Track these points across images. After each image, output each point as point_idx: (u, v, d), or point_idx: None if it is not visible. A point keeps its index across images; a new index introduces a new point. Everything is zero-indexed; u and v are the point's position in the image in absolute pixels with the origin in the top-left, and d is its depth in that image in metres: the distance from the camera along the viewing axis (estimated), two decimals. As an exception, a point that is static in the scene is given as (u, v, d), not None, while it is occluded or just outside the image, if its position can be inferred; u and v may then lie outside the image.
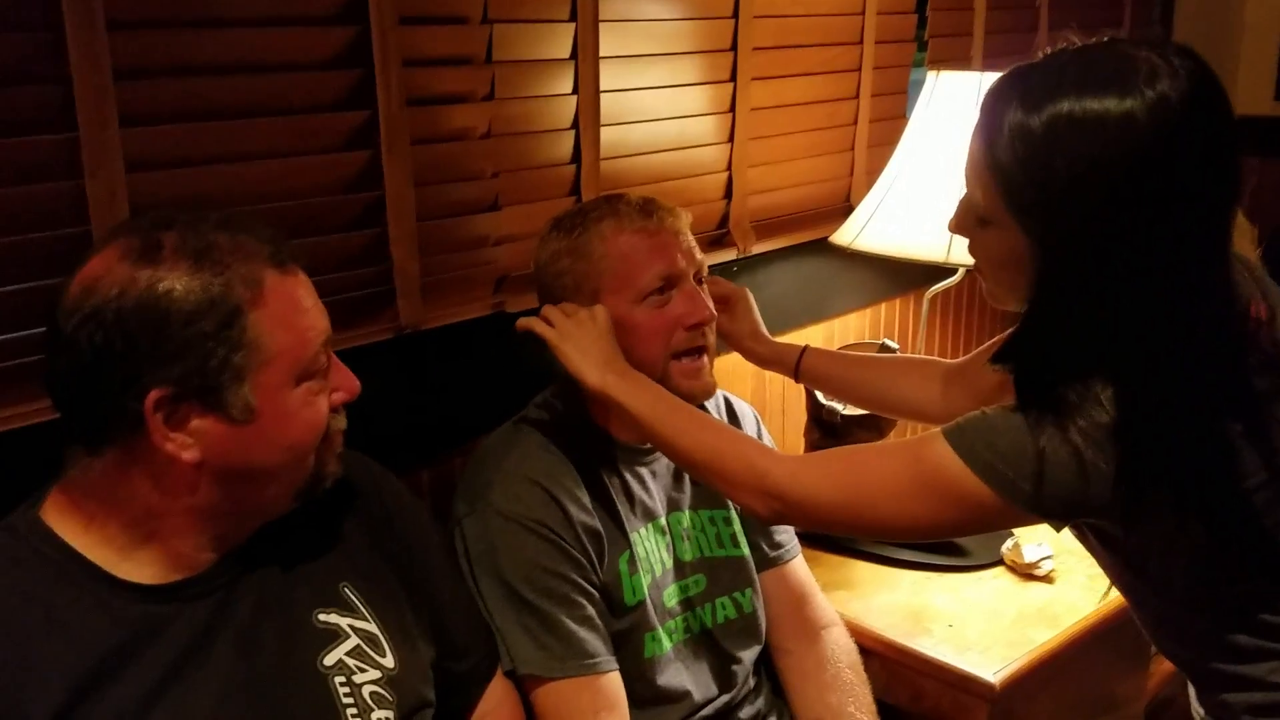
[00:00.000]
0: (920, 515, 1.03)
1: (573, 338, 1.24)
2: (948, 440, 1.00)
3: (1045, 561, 1.65)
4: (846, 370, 1.49)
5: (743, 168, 1.91)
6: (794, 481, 1.10)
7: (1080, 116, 0.91)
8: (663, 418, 1.20)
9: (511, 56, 1.51)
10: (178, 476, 0.91)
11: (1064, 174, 0.92)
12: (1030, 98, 0.93)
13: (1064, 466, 0.95)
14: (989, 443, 0.98)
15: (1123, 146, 0.90)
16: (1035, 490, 0.96)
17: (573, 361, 1.23)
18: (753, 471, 1.12)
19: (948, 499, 1.01)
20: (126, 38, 1.14)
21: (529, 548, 1.24)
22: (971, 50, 2.40)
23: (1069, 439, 0.94)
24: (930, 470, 1.01)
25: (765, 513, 1.12)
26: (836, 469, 1.10)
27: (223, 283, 0.88)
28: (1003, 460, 0.97)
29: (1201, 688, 1.12)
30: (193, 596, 0.95)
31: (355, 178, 1.37)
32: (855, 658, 1.46)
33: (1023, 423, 0.97)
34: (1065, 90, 0.92)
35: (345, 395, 1.00)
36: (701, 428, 1.21)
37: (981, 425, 1.00)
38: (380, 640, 1.05)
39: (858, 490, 1.07)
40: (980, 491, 0.98)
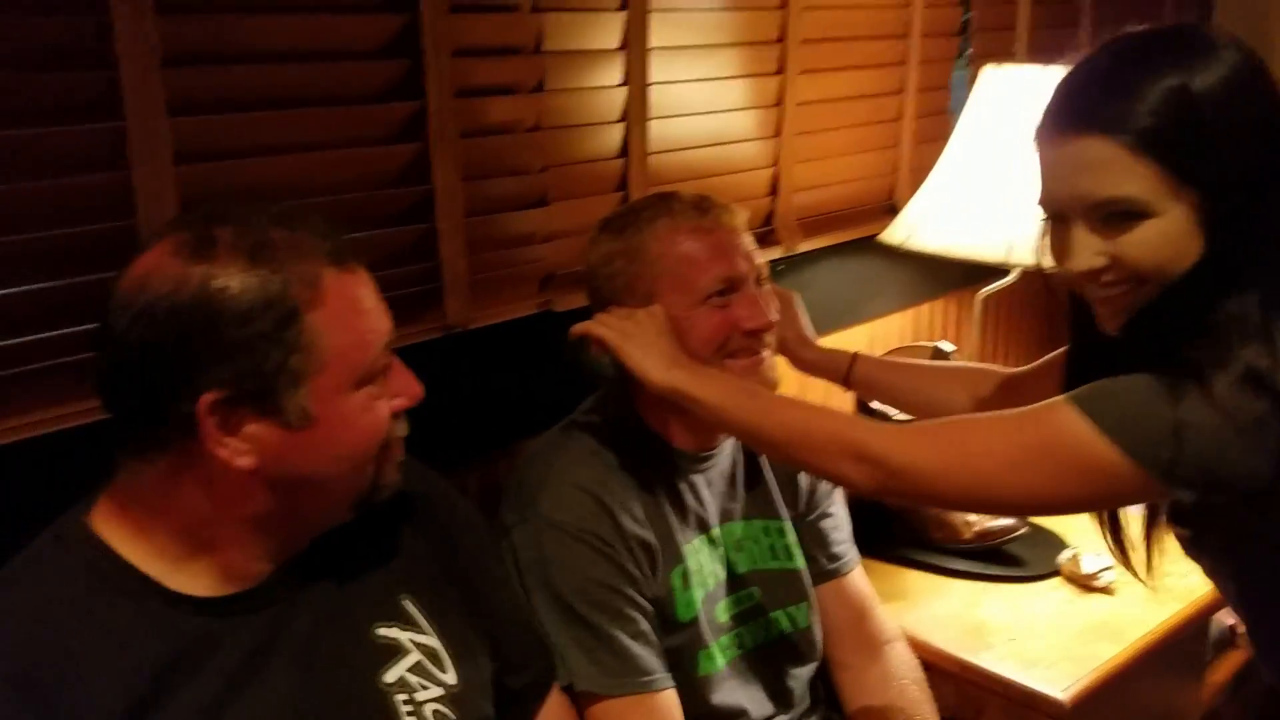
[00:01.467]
0: (1038, 486, 0.97)
1: (634, 338, 1.20)
2: (1075, 404, 0.94)
3: (1105, 573, 1.60)
4: (900, 378, 1.43)
5: (789, 164, 1.86)
6: (896, 449, 1.03)
7: (1212, 66, 0.90)
8: (741, 404, 1.15)
9: (561, 47, 1.46)
10: (231, 484, 0.86)
11: (1224, 119, 0.89)
12: (1151, 65, 0.91)
13: (1202, 426, 0.89)
14: (1122, 406, 0.93)
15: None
16: (1174, 456, 0.90)
17: (637, 361, 1.18)
18: (848, 441, 1.05)
19: (1073, 468, 0.94)
20: (175, 22, 1.09)
21: (580, 559, 1.19)
22: (1015, 45, 2.35)
23: (1208, 394, 0.89)
24: (1054, 436, 0.95)
25: (867, 483, 1.05)
26: (944, 436, 1.04)
27: (280, 281, 0.83)
28: (1138, 424, 0.91)
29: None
30: (249, 610, 0.91)
31: (404, 171, 1.32)
32: (920, 674, 1.41)
33: (1160, 386, 0.91)
34: (1179, 54, 0.91)
35: (407, 401, 0.94)
36: (785, 406, 1.15)
37: (1112, 389, 0.94)
38: (441, 655, 1.01)
39: (968, 459, 1.00)
40: (1111, 459, 0.92)
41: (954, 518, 1.70)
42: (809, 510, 1.44)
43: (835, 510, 1.47)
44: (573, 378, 1.38)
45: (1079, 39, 2.52)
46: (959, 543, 1.67)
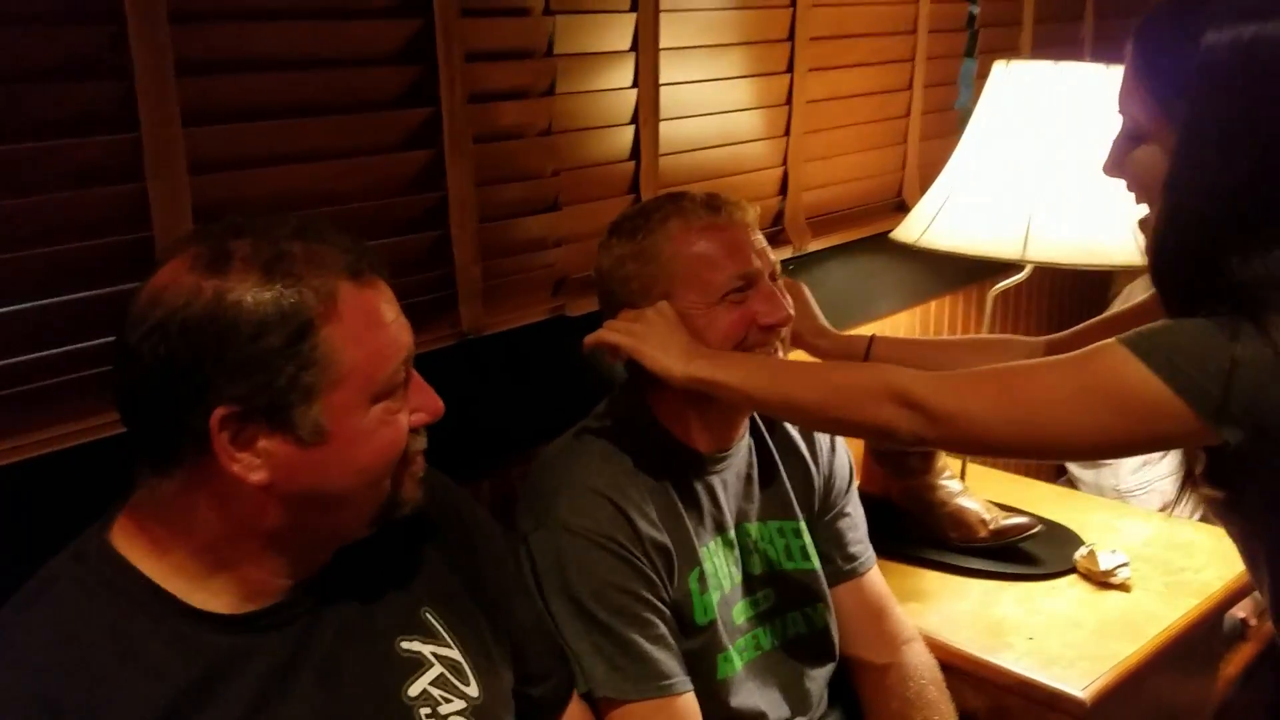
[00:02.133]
0: (1087, 426, 0.98)
1: (647, 338, 1.19)
2: (1126, 345, 0.95)
3: (1121, 569, 1.59)
4: (921, 354, 1.43)
5: (798, 162, 1.85)
6: (943, 393, 1.03)
7: (1227, 9, 0.94)
8: (770, 377, 1.15)
9: (572, 49, 1.46)
10: (246, 500, 0.85)
11: (1224, 46, 0.93)
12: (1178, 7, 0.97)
13: (1257, 364, 0.90)
14: (1173, 345, 0.94)
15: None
16: (1224, 392, 0.91)
17: (656, 360, 1.17)
18: (892, 387, 1.05)
19: (1121, 407, 0.95)
20: (189, 31, 1.08)
21: (599, 564, 1.19)
22: (1020, 40, 2.34)
23: (1268, 335, 0.91)
24: (1104, 375, 0.96)
25: (912, 429, 1.04)
26: (992, 380, 1.04)
27: (294, 295, 0.82)
28: (1189, 361, 0.93)
29: None
30: (271, 626, 0.90)
31: (417, 177, 1.31)
32: (938, 674, 1.40)
33: (1209, 324, 0.93)
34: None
35: (427, 416, 0.93)
36: (815, 369, 1.17)
37: (1164, 330, 0.96)
38: (463, 667, 1.00)
39: (1015, 401, 1.01)
40: (1161, 397, 0.93)
41: (970, 516, 1.69)
42: (825, 510, 1.44)
43: (851, 510, 1.46)
44: (586, 382, 1.37)
45: (1083, 32, 2.51)
46: (975, 541, 1.67)
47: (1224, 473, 1.04)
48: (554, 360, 1.49)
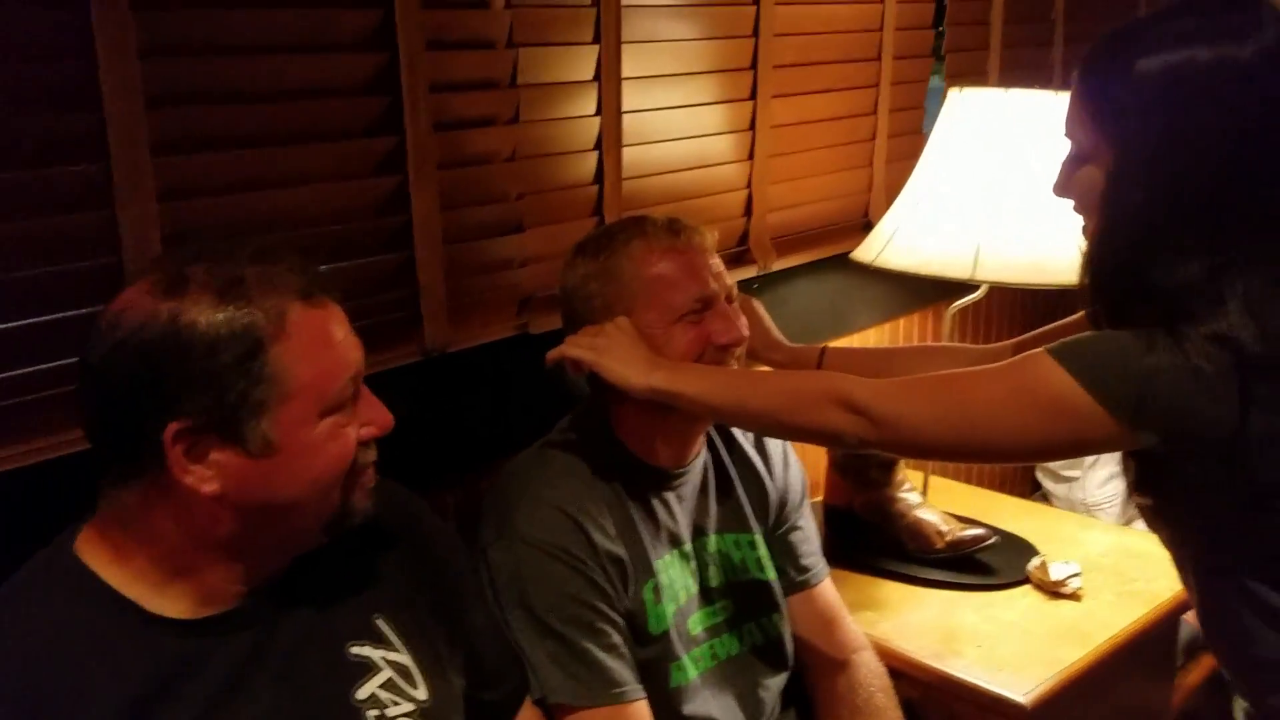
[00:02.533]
0: (1016, 430, 1.05)
1: (608, 351, 1.24)
2: (1051, 354, 1.02)
3: (1073, 579, 1.64)
4: (870, 362, 1.49)
5: (763, 185, 1.91)
6: (881, 400, 1.10)
7: (1158, 37, 1.01)
8: (726, 387, 1.21)
9: (536, 80, 1.51)
10: (201, 510, 0.90)
11: (1156, 73, 0.99)
12: (1124, 35, 1.04)
13: (1170, 372, 0.97)
14: (1093, 350, 1.02)
15: (1209, 51, 0.98)
16: (1138, 398, 0.98)
17: (617, 373, 1.22)
18: (836, 393, 1.11)
19: (1048, 412, 1.02)
20: (158, 65, 1.14)
21: (555, 576, 1.23)
22: (988, 65, 2.40)
23: (1179, 346, 0.97)
24: (1031, 382, 1.03)
25: (857, 433, 1.10)
26: (930, 386, 1.11)
27: (245, 316, 0.87)
28: (1106, 366, 1.00)
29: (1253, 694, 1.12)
30: (228, 630, 0.95)
31: (383, 202, 1.37)
32: (886, 681, 1.45)
33: (1129, 335, 1.00)
34: (1153, 32, 1.02)
35: (376, 430, 0.98)
36: (768, 377, 1.23)
37: (1087, 340, 1.04)
38: (412, 672, 1.04)
39: (951, 406, 1.07)
40: (1082, 402, 1.00)
41: (927, 528, 1.74)
42: (779, 524, 1.48)
43: (804, 524, 1.51)
44: (549, 398, 1.42)
45: (1052, 58, 2.57)
46: (932, 552, 1.71)
47: (1150, 480, 1.10)
48: (519, 376, 1.54)
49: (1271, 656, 1.07)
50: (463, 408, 1.52)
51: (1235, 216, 1.00)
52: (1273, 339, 0.97)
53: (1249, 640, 1.09)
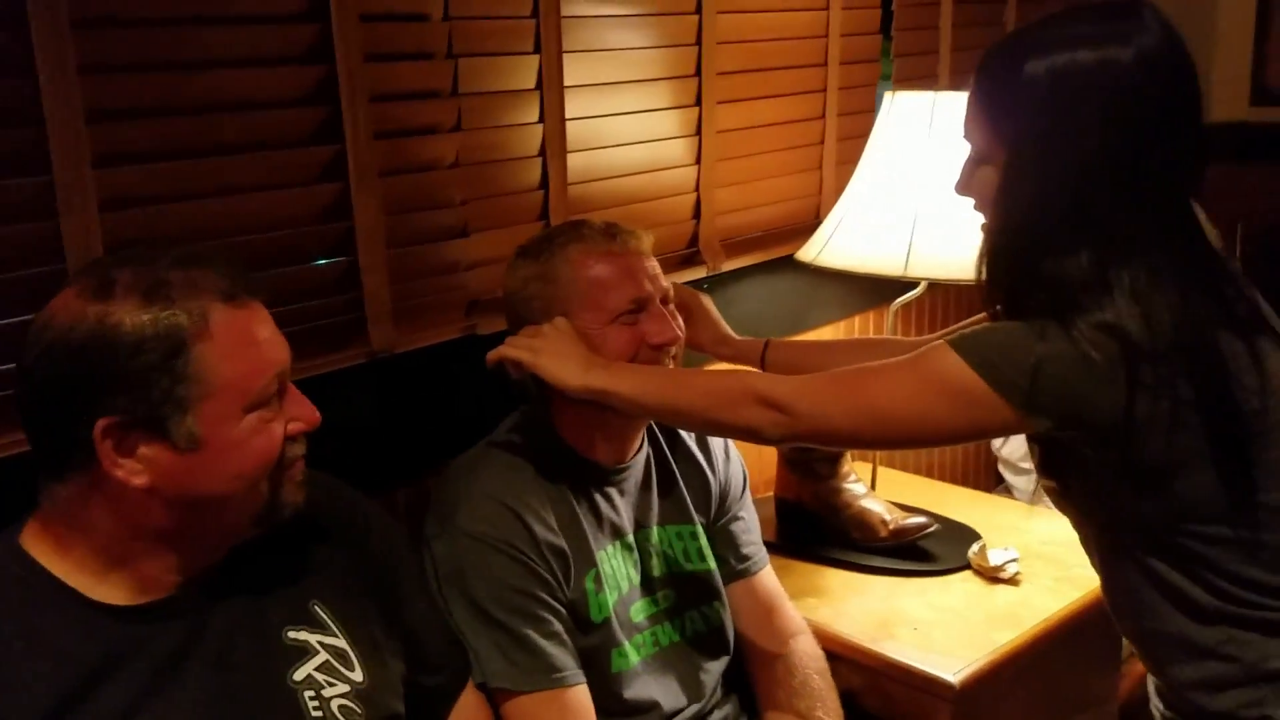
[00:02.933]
0: (922, 418, 1.10)
1: (545, 351, 1.28)
2: (950, 345, 1.08)
3: (1010, 564, 1.68)
4: (810, 356, 1.54)
5: (711, 189, 1.96)
6: (799, 393, 1.16)
7: (1045, 40, 1.06)
8: (656, 385, 1.26)
9: (477, 89, 1.56)
10: (132, 502, 0.95)
11: (1042, 74, 1.04)
12: (1017, 38, 1.10)
13: (1061, 360, 1.02)
14: (987, 340, 1.07)
15: (1093, 54, 1.04)
16: (1031, 384, 1.03)
17: (553, 372, 1.27)
18: (754, 391, 1.17)
19: (949, 400, 1.08)
20: (98, 81, 1.19)
21: (496, 567, 1.28)
22: (939, 68, 2.45)
23: (1068, 334, 1.02)
24: (933, 372, 1.09)
25: (771, 428, 1.16)
26: (842, 380, 1.17)
27: (169, 317, 0.92)
28: (999, 354, 1.05)
29: (1156, 666, 1.17)
30: (165, 616, 0.99)
31: (326, 209, 1.42)
32: (823, 664, 1.49)
33: (1022, 325, 1.06)
34: (1044, 35, 1.08)
35: (303, 425, 1.02)
36: (695, 375, 1.29)
37: (983, 330, 1.10)
38: (349, 655, 1.09)
39: (862, 398, 1.13)
40: (979, 389, 1.05)
41: (872, 517, 1.78)
42: (721, 515, 1.53)
43: (744, 515, 1.56)
44: (497, 398, 1.47)
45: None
46: (876, 541, 1.76)
47: (1052, 463, 1.16)
48: (467, 377, 1.58)
49: (1170, 629, 1.12)
50: (413, 407, 1.56)
51: (1118, 210, 1.05)
52: (1156, 326, 1.02)
53: (1149, 614, 1.13)
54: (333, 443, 1.09)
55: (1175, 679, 1.14)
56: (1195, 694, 1.12)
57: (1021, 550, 1.73)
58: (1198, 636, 1.10)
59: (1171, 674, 1.14)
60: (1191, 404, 1.03)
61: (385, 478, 1.53)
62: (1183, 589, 1.10)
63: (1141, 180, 1.05)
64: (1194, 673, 1.12)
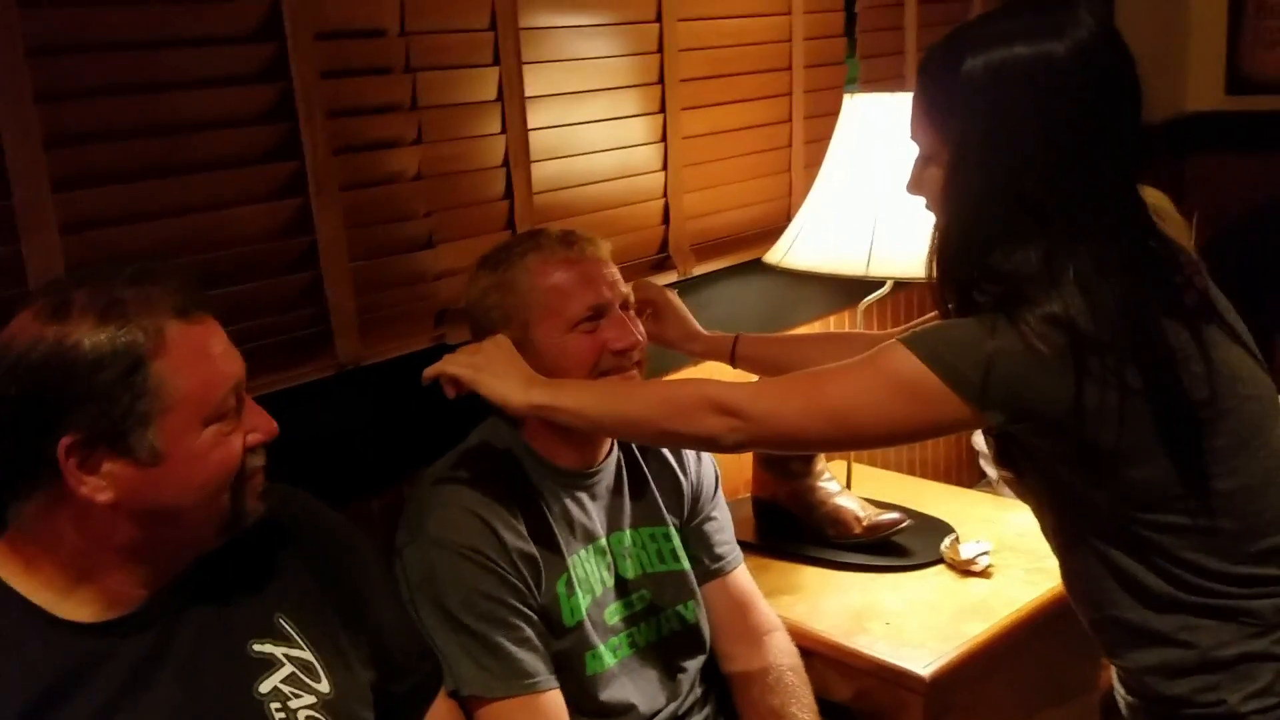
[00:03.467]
0: (879, 416, 1.11)
1: (486, 369, 1.28)
2: (903, 343, 1.09)
3: (982, 557, 1.70)
4: (780, 350, 1.56)
5: (679, 194, 1.97)
6: (753, 400, 1.15)
7: (983, 37, 1.08)
8: (604, 399, 1.26)
9: (437, 101, 1.58)
10: (97, 518, 0.96)
11: (980, 71, 1.06)
12: (958, 36, 1.11)
13: (1011, 354, 1.03)
14: (939, 337, 1.08)
15: (1028, 48, 1.05)
16: (983, 379, 1.04)
17: (494, 389, 1.27)
18: (708, 398, 1.17)
19: (904, 398, 1.09)
20: (55, 108, 1.20)
21: (466, 575, 1.29)
22: (905, 68, 2.47)
23: (1017, 328, 1.03)
24: (888, 371, 1.09)
25: (729, 435, 1.16)
26: (797, 383, 1.17)
27: (125, 334, 0.94)
28: (951, 350, 1.06)
29: (1114, 652, 1.18)
30: (130, 631, 1.00)
31: (287, 225, 1.43)
32: (796, 660, 1.50)
33: (973, 321, 1.07)
34: (982, 31, 1.10)
35: (261, 436, 1.04)
36: (645, 386, 1.29)
37: (935, 328, 1.11)
38: (315, 667, 1.10)
39: (818, 400, 1.13)
40: (933, 386, 1.06)
41: (846, 514, 1.80)
42: (693, 515, 1.55)
43: (717, 515, 1.57)
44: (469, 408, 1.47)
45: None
46: (850, 537, 1.77)
47: (1008, 455, 1.17)
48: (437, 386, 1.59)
49: (1127, 616, 1.13)
50: (384, 418, 1.57)
51: (1061, 202, 1.06)
52: (1101, 316, 1.03)
53: (1107, 602, 1.15)
54: (303, 455, 1.10)
55: (1133, 664, 1.16)
56: (1152, 679, 1.14)
57: (995, 543, 1.74)
58: (1154, 623, 1.12)
59: (1130, 659, 1.16)
60: (1140, 393, 1.04)
61: (356, 489, 1.54)
62: (1138, 577, 1.11)
63: (1083, 171, 1.06)
64: (1151, 658, 1.13)
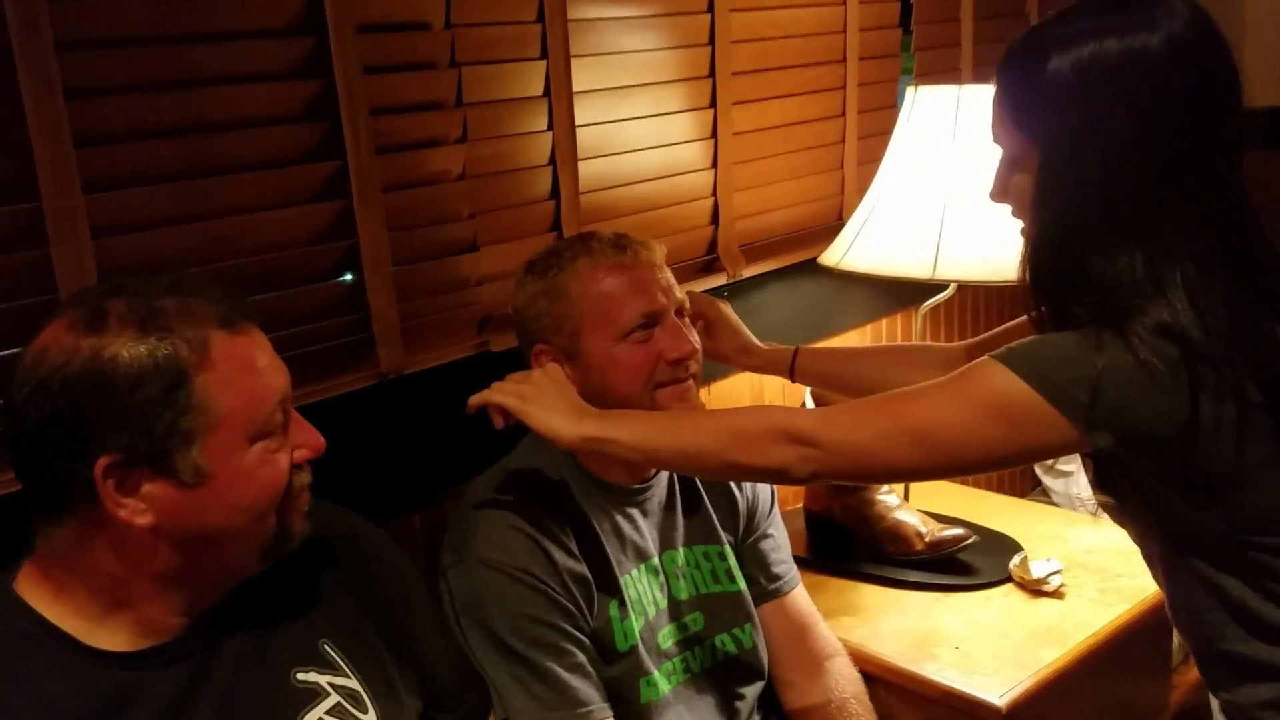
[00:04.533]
0: (971, 441, 1.02)
1: (534, 399, 1.20)
2: (999, 359, 1.00)
3: (1054, 576, 1.61)
4: (843, 364, 1.49)
5: (728, 193, 1.90)
6: (827, 426, 1.07)
7: (1068, 35, 1.00)
8: (658, 432, 1.17)
9: (482, 98, 1.51)
10: (136, 543, 0.90)
11: (1068, 70, 0.98)
12: (1037, 35, 1.03)
13: (1121, 371, 0.95)
14: (1041, 355, 1.00)
15: (1118, 43, 0.97)
16: (1091, 399, 0.96)
17: (542, 422, 1.18)
18: (780, 427, 1.08)
19: (1001, 419, 1.00)
20: (85, 105, 1.15)
21: (515, 597, 1.22)
22: (960, 61, 2.39)
23: (1127, 341, 0.96)
24: (981, 391, 1.01)
25: (805, 466, 1.07)
26: (875, 408, 1.08)
27: (167, 347, 0.88)
28: (1056, 369, 0.98)
29: (1221, 686, 1.10)
30: (167, 662, 0.95)
31: (328, 228, 1.37)
32: (860, 687, 1.43)
33: (1075, 336, 0.99)
34: (1064, 29, 1.01)
35: (309, 453, 0.98)
36: (707, 416, 1.20)
37: (1034, 343, 1.02)
38: (362, 696, 1.04)
39: (901, 425, 1.04)
40: (1035, 406, 0.98)
41: (906, 529, 1.72)
42: (748, 533, 1.47)
43: (774, 532, 1.49)
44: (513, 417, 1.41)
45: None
46: (912, 554, 1.69)
47: (1108, 478, 1.08)
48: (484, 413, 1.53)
49: (1239, 650, 1.05)
50: (425, 429, 1.51)
51: (1161, 205, 0.99)
52: (1211, 326, 0.96)
53: (1217, 635, 1.07)
54: (342, 469, 1.04)
55: (1245, 700, 1.07)
56: (1266, 714, 1.06)
57: (1064, 560, 1.66)
58: (1271, 657, 1.04)
59: (1240, 694, 1.08)
60: (1261, 407, 0.96)
61: (398, 504, 1.48)
62: (1251, 606, 1.03)
63: (1183, 169, 0.99)
64: (1266, 693, 1.05)
